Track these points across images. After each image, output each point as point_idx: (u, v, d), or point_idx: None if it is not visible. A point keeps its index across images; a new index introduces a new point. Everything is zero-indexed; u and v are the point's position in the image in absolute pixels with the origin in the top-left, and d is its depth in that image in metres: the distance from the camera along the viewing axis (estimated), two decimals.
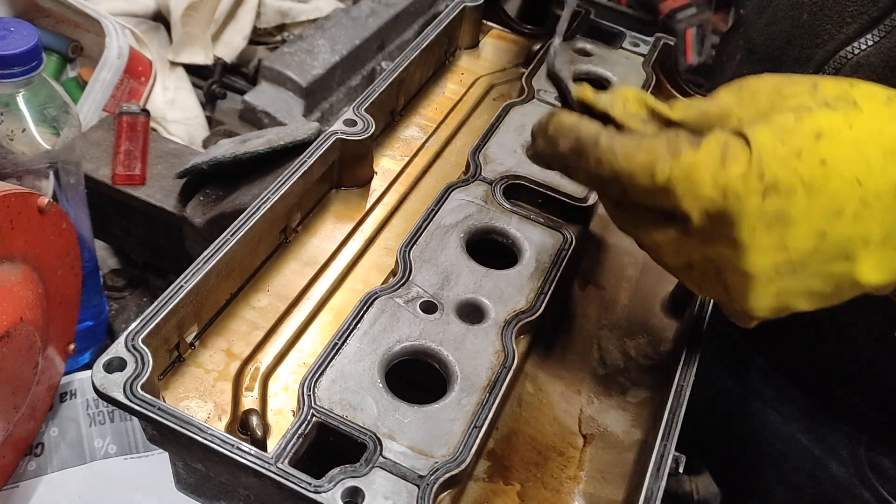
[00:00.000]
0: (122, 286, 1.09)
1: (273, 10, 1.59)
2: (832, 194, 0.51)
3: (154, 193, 1.02)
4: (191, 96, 1.43)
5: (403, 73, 0.83)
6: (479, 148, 0.77)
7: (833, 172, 0.51)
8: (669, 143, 0.52)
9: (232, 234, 0.62)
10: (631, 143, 0.54)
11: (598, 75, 0.91)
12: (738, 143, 0.51)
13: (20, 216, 0.70)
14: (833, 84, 0.54)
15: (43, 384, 0.80)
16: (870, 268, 0.53)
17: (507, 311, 0.63)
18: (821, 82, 0.54)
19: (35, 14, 1.28)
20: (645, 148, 0.53)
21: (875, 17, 0.79)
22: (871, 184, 0.51)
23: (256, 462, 0.49)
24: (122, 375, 0.52)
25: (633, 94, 0.59)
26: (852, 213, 0.51)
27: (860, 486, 0.90)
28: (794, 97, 0.54)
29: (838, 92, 0.53)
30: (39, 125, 0.79)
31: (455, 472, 0.52)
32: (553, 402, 0.66)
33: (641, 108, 0.58)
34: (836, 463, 0.91)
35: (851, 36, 0.80)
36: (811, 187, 0.51)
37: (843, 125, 0.51)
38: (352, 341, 0.58)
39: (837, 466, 0.91)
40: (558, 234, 0.70)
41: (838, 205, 0.51)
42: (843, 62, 0.80)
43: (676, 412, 0.58)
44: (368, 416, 0.54)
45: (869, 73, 0.78)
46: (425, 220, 0.69)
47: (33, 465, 0.82)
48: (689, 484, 0.73)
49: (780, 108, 0.54)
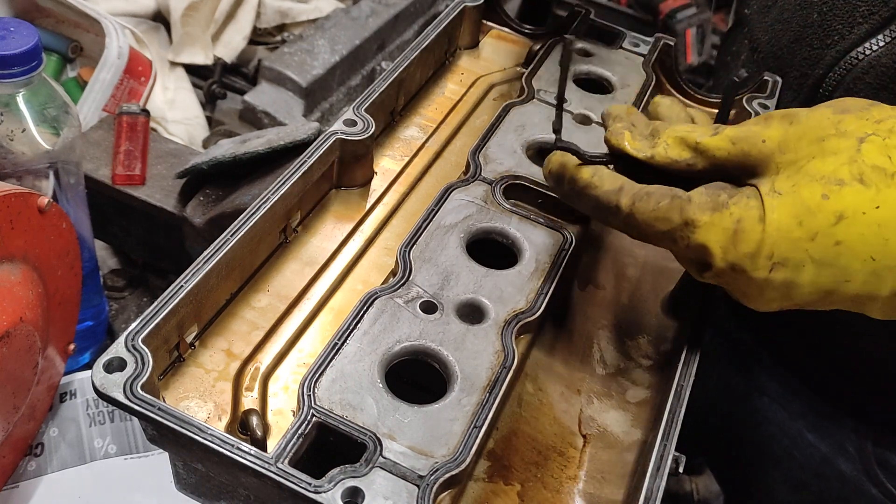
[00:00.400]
0: (122, 286, 1.09)
1: (273, 10, 1.59)
2: (843, 268, 0.52)
3: (154, 193, 1.02)
4: (191, 96, 1.43)
5: (403, 73, 0.83)
6: (479, 148, 0.77)
7: (846, 251, 0.52)
8: (683, 213, 0.54)
9: (232, 234, 0.62)
10: (649, 209, 0.56)
11: (598, 75, 0.91)
12: (753, 217, 0.53)
13: (20, 216, 0.70)
14: (879, 148, 0.53)
15: (43, 384, 0.80)
16: (878, 312, 0.55)
17: (507, 311, 0.63)
18: (867, 143, 0.53)
19: (35, 14, 1.28)
20: (662, 216, 0.55)
21: (886, 18, 0.78)
22: (886, 258, 0.51)
23: (256, 462, 0.49)
24: (122, 375, 0.51)
25: (674, 137, 0.59)
26: (861, 281, 0.52)
27: (867, 483, 0.90)
28: (834, 156, 0.53)
29: (882, 159, 0.52)
30: (39, 125, 0.79)
31: (455, 472, 0.52)
32: (553, 402, 0.66)
33: (684, 150, 0.58)
34: (843, 459, 0.91)
35: (862, 37, 0.79)
36: (821, 263, 0.52)
37: (870, 206, 0.51)
38: (352, 341, 0.58)
39: (844, 463, 0.91)
40: (558, 234, 0.70)
41: (848, 275, 0.52)
42: (853, 63, 0.79)
43: (676, 412, 0.58)
44: (368, 416, 0.54)
45: (880, 75, 0.77)
46: (425, 220, 0.69)
47: (33, 465, 0.82)
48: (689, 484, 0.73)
49: (814, 170, 0.53)
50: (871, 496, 0.89)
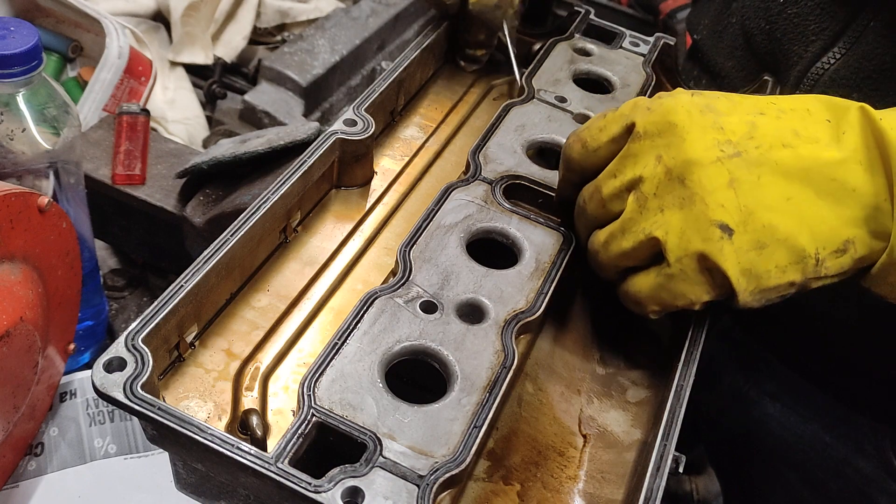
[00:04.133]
0: (122, 286, 1.09)
1: (273, 10, 1.59)
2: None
3: (154, 193, 1.02)
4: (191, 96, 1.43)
5: (403, 73, 0.83)
6: (479, 148, 0.77)
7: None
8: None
9: (232, 233, 0.62)
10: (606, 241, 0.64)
11: (599, 75, 0.91)
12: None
13: (20, 216, 0.70)
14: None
15: (43, 384, 0.80)
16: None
17: (507, 311, 0.63)
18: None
19: (35, 14, 1.28)
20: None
21: (837, 32, 0.79)
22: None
23: (256, 462, 0.49)
24: (122, 375, 0.52)
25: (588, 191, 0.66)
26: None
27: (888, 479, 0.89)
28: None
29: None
30: (39, 125, 0.79)
31: (455, 471, 0.52)
32: (553, 402, 0.66)
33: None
34: (862, 458, 0.91)
35: (818, 53, 0.80)
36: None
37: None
38: (352, 341, 0.58)
39: (863, 461, 0.91)
40: (558, 234, 0.70)
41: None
42: (816, 78, 0.80)
43: (676, 412, 0.58)
44: (368, 415, 0.54)
45: (843, 85, 0.78)
46: (425, 220, 0.69)
47: (33, 464, 0.82)
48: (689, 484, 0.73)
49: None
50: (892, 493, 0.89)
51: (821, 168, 0.57)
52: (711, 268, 0.58)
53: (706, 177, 0.57)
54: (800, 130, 0.58)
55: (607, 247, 0.63)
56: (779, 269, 0.57)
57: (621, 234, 0.62)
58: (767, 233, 0.57)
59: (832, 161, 0.57)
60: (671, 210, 0.58)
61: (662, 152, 0.59)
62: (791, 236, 0.57)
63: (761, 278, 0.57)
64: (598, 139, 0.64)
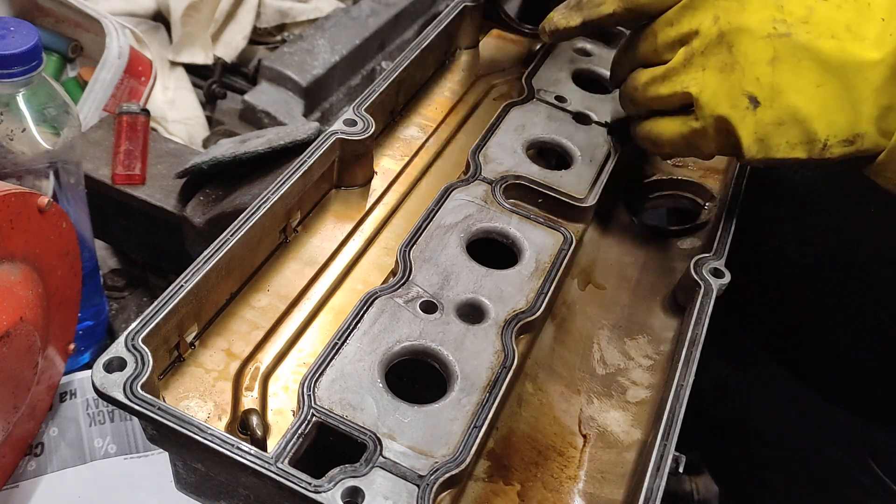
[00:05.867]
0: (122, 286, 1.09)
1: (273, 10, 1.59)
2: None
3: (154, 193, 1.02)
4: (191, 96, 1.43)
5: (403, 73, 0.83)
6: (479, 148, 0.77)
7: None
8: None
9: (232, 233, 0.62)
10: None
11: (599, 75, 0.91)
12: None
13: (20, 216, 0.70)
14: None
15: (43, 384, 0.80)
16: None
17: (507, 311, 0.63)
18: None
19: (35, 14, 1.28)
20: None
21: None
22: None
23: (256, 462, 0.49)
24: (122, 375, 0.51)
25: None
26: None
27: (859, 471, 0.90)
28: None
29: None
30: (39, 125, 0.79)
31: (455, 471, 0.52)
32: (553, 401, 0.66)
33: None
34: (835, 448, 0.92)
35: None
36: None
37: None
38: (352, 341, 0.58)
39: (836, 451, 0.92)
40: (558, 234, 0.70)
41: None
42: None
43: (676, 412, 0.58)
44: (368, 415, 0.54)
45: None
46: (425, 220, 0.69)
47: (33, 464, 0.82)
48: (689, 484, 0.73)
49: None
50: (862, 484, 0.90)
51: (856, 66, 0.61)
52: (730, 130, 0.63)
53: (752, 49, 0.62)
54: (852, 25, 0.61)
55: (646, 87, 0.69)
56: (788, 145, 0.63)
57: (661, 80, 0.67)
58: (789, 112, 0.62)
59: (869, 62, 0.60)
60: (711, 71, 0.63)
61: (721, 14, 0.63)
62: (809, 119, 0.61)
63: (770, 149, 0.63)
64: None
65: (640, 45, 0.69)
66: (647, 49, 0.69)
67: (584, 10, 0.71)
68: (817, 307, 0.88)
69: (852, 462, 0.91)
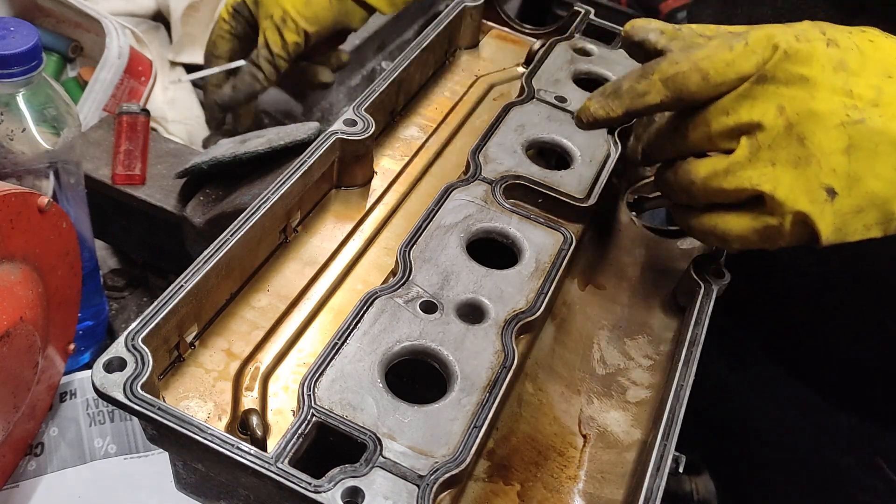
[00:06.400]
0: (122, 286, 1.09)
1: None
2: None
3: (154, 193, 1.02)
4: (191, 96, 1.43)
5: (403, 73, 0.83)
6: (479, 148, 0.77)
7: None
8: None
9: (232, 234, 0.62)
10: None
11: (599, 75, 0.91)
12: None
13: (20, 216, 0.70)
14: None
15: (43, 384, 0.80)
16: None
17: (507, 311, 0.63)
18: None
19: (35, 14, 1.28)
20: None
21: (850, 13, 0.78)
22: None
23: (256, 462, 0.49)
24: (122, 375, 0.51)
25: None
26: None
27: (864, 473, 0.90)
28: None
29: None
30: (39, 125, 0.79)
31: (455, 472, 0.52)
32: (553, 402, 0.66)
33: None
34: (840, 451, 0.92)
35: None
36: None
37: None
38: (352, 341, 0.58)
39: (841, 455, 0.92)
40: (558, 234, 0.70)
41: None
42: None
43: (676, 412, 0.58)
44: (368, 415, 0.54)
45: None
46: (425, 220, 0.69)
47: (33, 465, 0.82)
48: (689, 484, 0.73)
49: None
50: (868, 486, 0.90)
51: None
52: (807, 223, 0.60)
53: (826, 140, 0.59)
54: None
55: (706, 181, 0.63)
56: (865, 227, 0.61)
57: (725, 174, 0.62)
58: (868, 199, 0.59)
59: None
60: (783, 166, 0.60)
61: (787, 104, 0.60)
62: (888, 202, 0.60)
63: (847, 235, 0.61)
64: (724, 74, 0.61)
65: (690, 132, 0.64)
66: (699, 137, 0.64)
67: (624, 98, 0.65)
68: (818, 308, 0.87)
69: (859, 465, 0.90)
